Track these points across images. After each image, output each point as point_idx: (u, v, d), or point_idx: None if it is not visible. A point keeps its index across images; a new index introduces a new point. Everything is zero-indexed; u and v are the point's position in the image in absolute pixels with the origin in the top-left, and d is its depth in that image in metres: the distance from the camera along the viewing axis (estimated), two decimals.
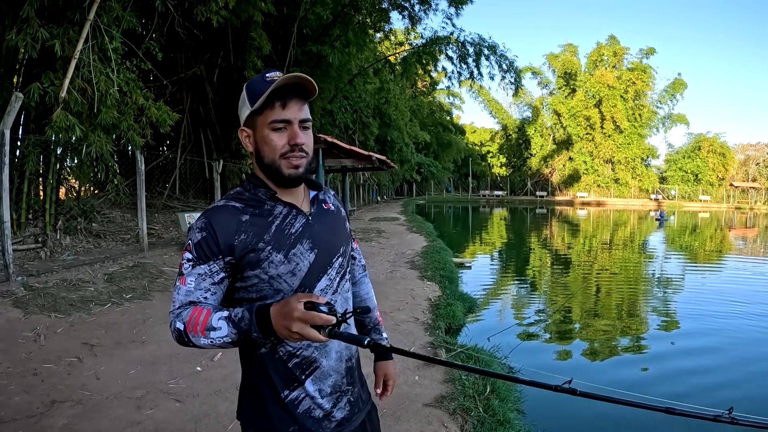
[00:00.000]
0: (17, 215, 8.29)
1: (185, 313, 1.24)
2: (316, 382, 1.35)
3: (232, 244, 1.26)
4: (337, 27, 16.91)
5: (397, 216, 24.87)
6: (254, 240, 1.28)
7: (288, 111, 1.30)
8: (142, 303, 6.43)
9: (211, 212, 1.30)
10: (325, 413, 1.36)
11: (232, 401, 3.67)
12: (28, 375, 4.05)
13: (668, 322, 7.57)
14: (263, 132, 1.31)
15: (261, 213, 1.32)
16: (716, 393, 4.88)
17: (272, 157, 1.32)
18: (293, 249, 1.31)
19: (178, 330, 1.24)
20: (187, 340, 1.23)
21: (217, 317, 1.21)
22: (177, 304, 1.28)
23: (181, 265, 1.30)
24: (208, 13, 9.36)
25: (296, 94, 1.31)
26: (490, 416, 3.63)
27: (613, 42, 59.75)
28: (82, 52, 7.28)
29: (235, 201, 1.33)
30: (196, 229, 1.29)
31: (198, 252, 1.27)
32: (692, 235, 22.92)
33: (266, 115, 1.30)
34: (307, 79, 1.29)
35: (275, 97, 1.28)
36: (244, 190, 1.36)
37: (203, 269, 1.27)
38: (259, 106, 1.28)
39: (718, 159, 57.41)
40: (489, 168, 75.24)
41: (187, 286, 1.27)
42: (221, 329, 1.20)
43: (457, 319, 6.61)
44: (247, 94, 1.32)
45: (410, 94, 45.32)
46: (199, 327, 1.20)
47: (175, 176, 16.21)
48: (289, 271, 1.30)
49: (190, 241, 1.29)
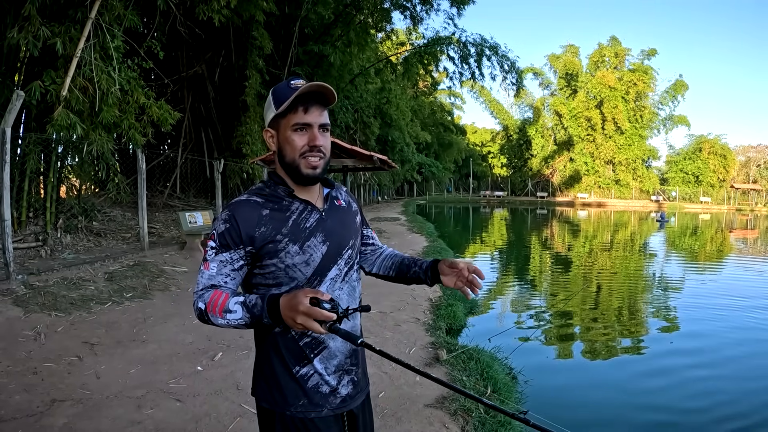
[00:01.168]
0: (18, 213, 8.29)
1: (207, 295, 1.39)
2: (323, 361, 1.49)
3: (253, 235, 1.40)
4: (338, 27, 16.91)
5: (398, 216, 24.88)
6: (273, 232, 1.42)
7: (309, 115, 1.43)
8: (143, 302, 6.43)
9: (235, 205, 1.44)
10: (332, 389, 1.50)
11: (232, 401, 3.67)
12: (29, 374, 4.05)
13: (668, 323, 7.55)
14: (286, 133, 1.45)
15: (280, 208, 1.46)
16: (708, 389, 4.88)
17: (293, 157, 1.45)
18: (308, 241, 1.45)
19: (200, 309, 1.38)
20: (207, 318, 1.38)
21: (234, 301, 1.35)
22: (200, 286, 1.42)
23: (206, 252, 1.44)
24: (209, 12, 9.37)
25: (317, 100, 1.44)
26: (491, 417, 3.62)
27: (615, 43, 59.69)
28: (84, 50, 7.28)
29: (256, 196, 1.47)
30: (220, 221, 1.43)
31: (221, 241, 1.41)
32: (693, 236, 22.91)
33: (289, 118, 1.43)
34: (328, 88, 1.42)
35: (299, 103, 1.41)
36: (265, 186, 1.51)
37: (225, 257, 1.41)
38: (284, 110, 1.42)
39: (719, 160, 57.34)
40: (490, 168, 75.21)
41: (210, 271, 1.42)
42: (236, 312, 1.34)
43: (458, 320, 6.60)
44: (273, 98, 1.45)
45: (411, 94, 45.30)
46: (218, 308, 1.35)
47: (176, 175, 16.22)
48: (303, 261, 1.44)
49: (214, 231, 1.43)
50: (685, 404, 4.66)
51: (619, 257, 15.21)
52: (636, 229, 26.48)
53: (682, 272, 12.69)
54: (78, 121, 7.12)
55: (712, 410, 4.54)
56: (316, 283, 1.47)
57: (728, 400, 4.75)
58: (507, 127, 69.22)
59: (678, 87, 58.70)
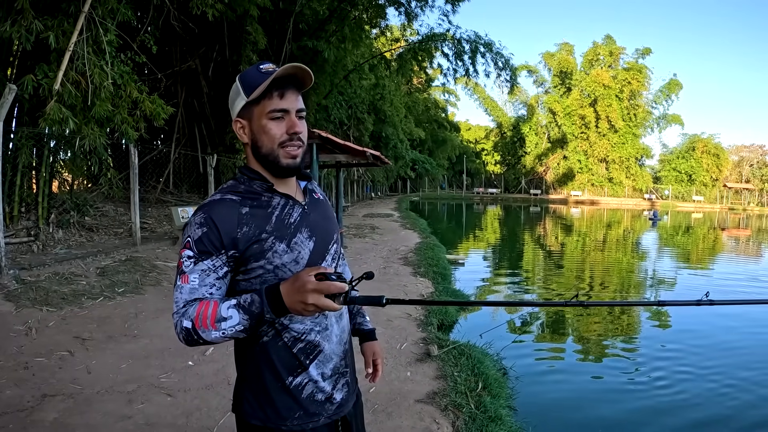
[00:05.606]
0: (10, 208, 8.24)
1: (191, 310, 1.22)
2: (319, 365, 1.38)
3: (235, 237, 1.26)
4: (333, 22, 16.84)
5: (391, 212, 24.90)
6: (257, 231, 1.28)
7: (286, 101, 1.31)
8: (135, 297, 6.42)
9: (209, 206, 1.28)
10: (327, 396, 1.39)
11: (223, 396, 3.68)
12: (20, 369, 4.04)
13: (660, 320, 7.61)
14: (261, 122, 1.32)
15: (260, 204, 1.32)
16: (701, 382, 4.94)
17: (270, 147, 1.32)
18: (294, 238, 1.33)
19: (186, 329, 1.21)
20: (197, 337, 1.21)
21: (225, 306, 1.20)
22: (181, 303, 1.25)
23: (181, 264, 1.27)
24: (203, 6, 9.32)
25: (293, 84, 1.33)
26: (482, 413, 3.65)
27: (610, 41, 59.83)
28: (77, 44, 7.23)
29: (231, 194, 1.32)
30: (194, 225, 1.27)
31: (199, 247, 1.25)
32: (685, 234, 23.04)
33: (264, 105, 1.31)
34: (305, 69, 1.31)
35: (273, 88, 1.29)
36: (238, 183, 1.36)
37: (207, 264, 1.25)
38: (258, 96, 1.29)
39: (712, 160, 57.71)
40: (483, 166, 75.25)
41: (190, 284, 1.25)
42: (232, 318, 1.19)
43: (450, 316, 6.63)
44: (242, 84, 1.33)
45: (405, 91, 45.22)
46: (209, 320, 1.19)
47: (168, 170, 16.13)
48: (292, 260, 1.32)
49: (189, 239, 1.26)
50: (676, 401, 4.71)
51: (612, 254, 15.29)
52: (629, 227, 26.60)
53: (674, 268, 12.77)
54: (70, 116, 7.08)
55: (703, 406, 4.60)
56: None
57: (717, 397, 4.81)
58: (501, 124, 69.26)
59: (672, 86, 58.93)
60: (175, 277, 1.28)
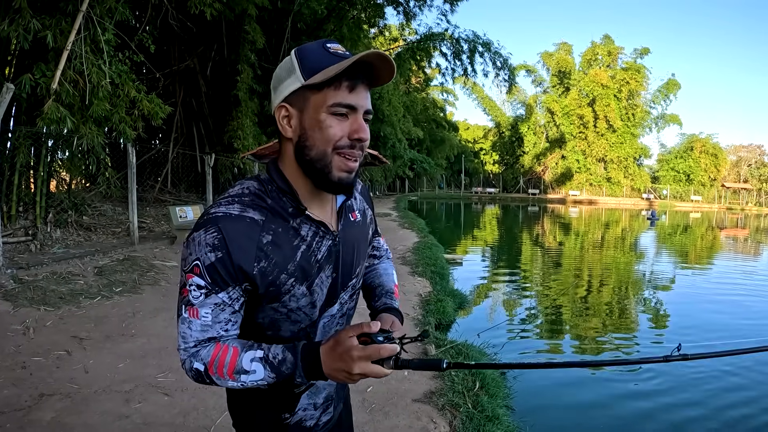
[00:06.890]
0: (7, 207, 8.24)
1: (205, 353, 1.05)
2: (311, 396, 1.24)
3: (250, 273, 1.03)
4: (331, 22, 16.86)
5: (389, 212, 24.88)
6: (275, 270, 1.06)
7: (355, 95, 1.03)
8: (132, 296, 6.42)
9: (224, 222, 1.02)
10: (315, 421, 1.28)
11: (220, 395, 3.67)
12: (17, 368, 4.04)
13: (658, 319, 7.63)
14: (318, 115, 1.03)
15: (285, 232, 1.07)
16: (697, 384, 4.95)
17: (324, 149, 1.04)
18: (316, 278, 1.12)
19: (196, 370, 1.05)
20: (209, 381, 1.06)
21: (248, 358, 1.03)
22: (191, 342, 1.06)
23: (187, 292, 1.04)
24: (201, 5, 9.32)
25: (366, 77, 1.06)
26: (479, 412, 3.65)
27: (608, 41, 59.81)
28: (75, 43, 7.23)
29: (253, 210, 1.05)
30: (206, 246, 1.01)
31: (213, 276, 1.01)
32: (683, 234, 23.07)
33: (327, 94, 1.02)
34: (391, 62, 1.04)
35: (343, 76, 1.01)
36: (264, 195, 1.08)
37: (221, 298, 1.03)
38: (323, 81, 1.00)
39: (710, 160, 57.73)
40: (482, 165, 75.18)
41: (202, 320, 1.04)
42: (256, 372, 1.02)
43: (448, 315, 6.64)
44: (300, 62, 1.03)
45: (404, 90, 45.18)
46: (226, 369, 1.03)
47: (166, 170, 16.13)
48: (309, 303, 1.13)
49: (198, 263, 1.01)
50: (676, 401, 4.72)
51: (610, 254, 15.30)
52: (627, 227, 26.62)
53: (672, 268, 12.79)
54: (68, 115, 7.07)
55: (703, 406, 4.60)
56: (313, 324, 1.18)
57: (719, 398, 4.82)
58: (499, 124, 69.18)
59: (670, 86, 58.91)
60: (179, 305, 1.06)
